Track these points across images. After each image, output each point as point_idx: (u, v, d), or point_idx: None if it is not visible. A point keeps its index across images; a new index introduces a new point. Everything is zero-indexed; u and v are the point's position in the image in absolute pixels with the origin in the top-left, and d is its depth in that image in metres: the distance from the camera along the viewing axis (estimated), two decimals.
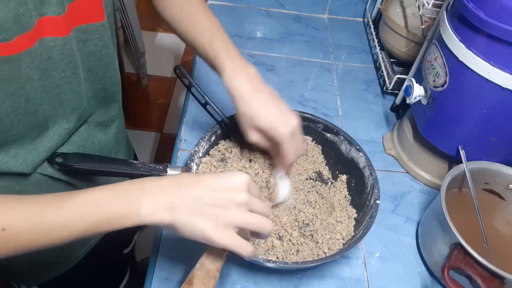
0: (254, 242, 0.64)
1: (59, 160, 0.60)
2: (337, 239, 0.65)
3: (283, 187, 0.68)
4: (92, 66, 0.60)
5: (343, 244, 0.65)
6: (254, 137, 0.63)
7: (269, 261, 0.58)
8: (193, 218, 0.46)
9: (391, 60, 1.03)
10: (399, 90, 0.92)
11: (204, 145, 0.70)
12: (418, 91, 0.75)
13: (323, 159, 0.77)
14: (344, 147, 0.74)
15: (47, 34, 0.49)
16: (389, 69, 0.99)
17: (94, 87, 0.62)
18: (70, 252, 0.75)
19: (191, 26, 0.66)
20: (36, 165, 0.58)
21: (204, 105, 0.70)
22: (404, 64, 1.01)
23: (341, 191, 0.73)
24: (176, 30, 0.68)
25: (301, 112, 0.75)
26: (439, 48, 0.69)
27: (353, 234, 0.66)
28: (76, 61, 0.55)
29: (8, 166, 0.54)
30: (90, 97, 0.62)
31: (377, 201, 0.65)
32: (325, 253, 0.63)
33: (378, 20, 1.14)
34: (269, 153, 0.69)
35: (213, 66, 0.65)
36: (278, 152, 0.63)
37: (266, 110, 0.61)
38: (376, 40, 1.08)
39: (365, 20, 1.23)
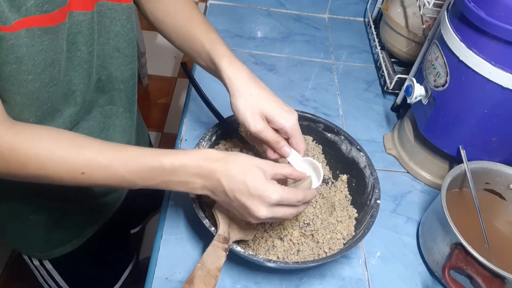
0: (254, 242, 0.64)
1: None
2: (337, 239, 0.65)
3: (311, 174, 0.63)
4: (121, 47, 0.61)
5: (344, 244, 0.65)
6: (259, 125, 0.58)
7: (269, 260, 0.58)
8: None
9: (392, 59, 1.03)
10: (400, 90, 0.92)
11: (204, 144, 0.70)
12: (418, 91, 0.75)
13: (324, 159, 0.77)
14: (344, 146, 0.74)
15: (76, 8, 0.52)
16: (390, 69, 0.99)
17: (125, 71, 0.64)
18: (79, 230, 0.76)
19: (186, 20, 0.66)
20: None
21: (206, 104, 0.70)
22: (405, 64, 1.01)
23: (341, 191, 0.73)
24: (165, 24, 0.67)
25: (301, 112, 0.75)
26: (439, 47, 0.69)
27: (353, 234, 0.66)
28: (101, 36, 0.58)
29: None
30: (121, 79, 0.64)
31: (378, 201, 0.65)
32: (326, 252, 0.63)
33: (378, 19, 1.14)
34: (266, 149, 0.64)
35: (208, 56, 0.63)
36: (289, 141, 0.61)
37: (272, 98, 0.60)
38: (376, 40, 1.08)
39: (366, 20, 1.23)
